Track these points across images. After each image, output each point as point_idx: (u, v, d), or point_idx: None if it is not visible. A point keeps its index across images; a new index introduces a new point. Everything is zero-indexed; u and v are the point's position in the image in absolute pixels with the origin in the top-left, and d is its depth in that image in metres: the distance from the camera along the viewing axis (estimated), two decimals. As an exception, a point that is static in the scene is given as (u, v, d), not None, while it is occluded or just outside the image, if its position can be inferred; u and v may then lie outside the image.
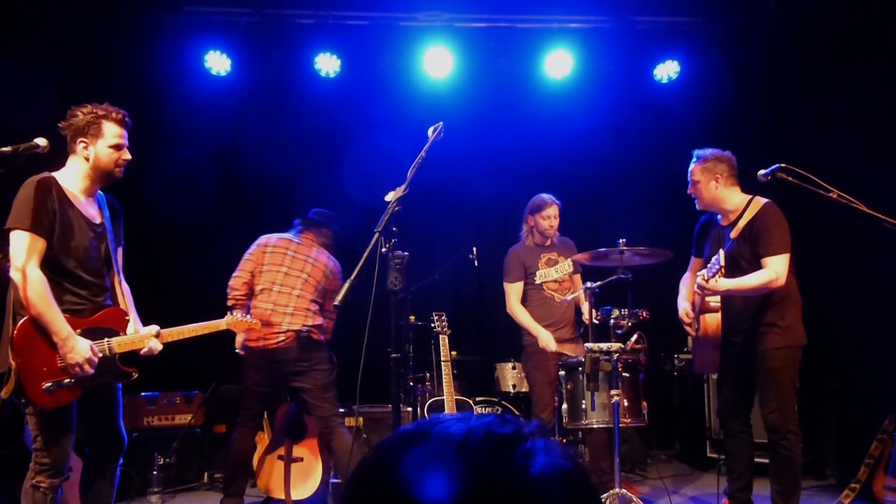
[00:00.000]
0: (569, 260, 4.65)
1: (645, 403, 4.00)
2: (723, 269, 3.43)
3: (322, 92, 6.19)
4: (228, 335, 3.59)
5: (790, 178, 3.72)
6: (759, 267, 3.55)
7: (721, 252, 3.43)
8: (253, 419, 4.31)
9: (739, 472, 3.78)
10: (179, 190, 5.88)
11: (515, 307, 4.65)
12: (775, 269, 3.48)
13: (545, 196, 4.68)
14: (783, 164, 3.74)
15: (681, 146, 6.24)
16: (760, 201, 3.69)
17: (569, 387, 4.07)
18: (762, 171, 3.73)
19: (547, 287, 4.62)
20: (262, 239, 4.38)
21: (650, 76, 6.32)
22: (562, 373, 4.15)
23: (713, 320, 3.69)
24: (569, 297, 4.48)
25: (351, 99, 6.25)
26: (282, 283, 4.22)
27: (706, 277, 3.48)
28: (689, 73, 6.27)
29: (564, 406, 4.07)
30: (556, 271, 4.65)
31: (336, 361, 4.42)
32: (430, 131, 3.05)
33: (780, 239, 3.54)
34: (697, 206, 3.90)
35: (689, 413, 5.94)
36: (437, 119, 3.08)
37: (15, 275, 2.73)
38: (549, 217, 4.62)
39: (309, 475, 4.43)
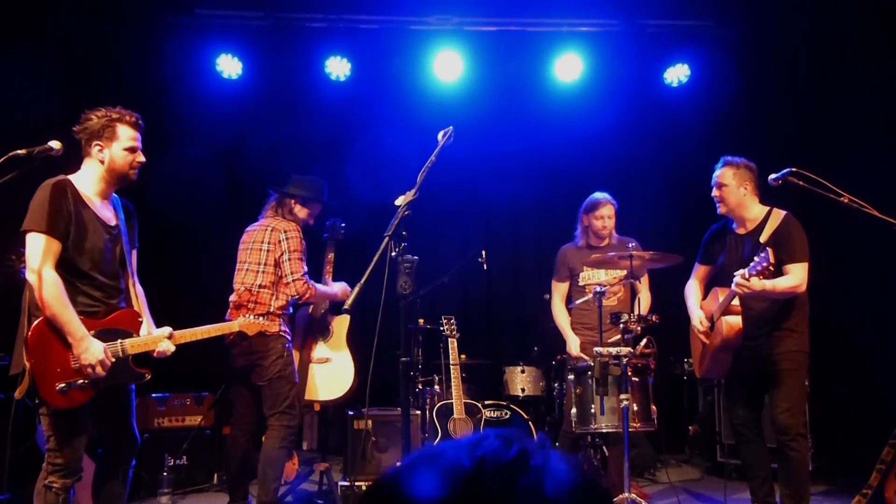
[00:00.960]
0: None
1: (654, 408, 3.99)
2: (771, 266, 3.42)
3: (332, 95, 6.21)
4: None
5: (801, 182, 3.72)
6: (779, 273, 3.61)
7: (769, 250, 3.44)
8: (239, 419, 4.13)
9: (763, 477, 3.83)
10: (191, 192, 5.92)
11: (556, 307, 4.62)
12: (799, 276, 3.59)
13: (600, 195, 4.55)
14: (794, 168, 3.74)
15: (691, 150, 6.28)
16: (780, 212, 3.76)
17: (578, 391, 4.06)
18: (773, 176, 3.74)
19: (590, 290, 4.38)
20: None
21: (660, 80, 6.31)
22: (571, 377, 4.15)
23: (735, 323, 3.70)
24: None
25: (361, 102, 6.27)
26: (243, 260, 4.13)
27: (747, 275, 3.46)
28: (699, 77, 6.25)
29: (574, 410, 4.07)
30: (605, 273, 4.49)
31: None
32: (440, 135, 3.05)
33: (802, 248, 3.64)
34: (719, 211, 3.90)
35: (700, 418, 5.91)
36: (447, 123, 3.09)
37: (31, 276, 2.76)
38: (603, 217, 4.49)
39: (337, 375, 4.34)
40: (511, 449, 0.74)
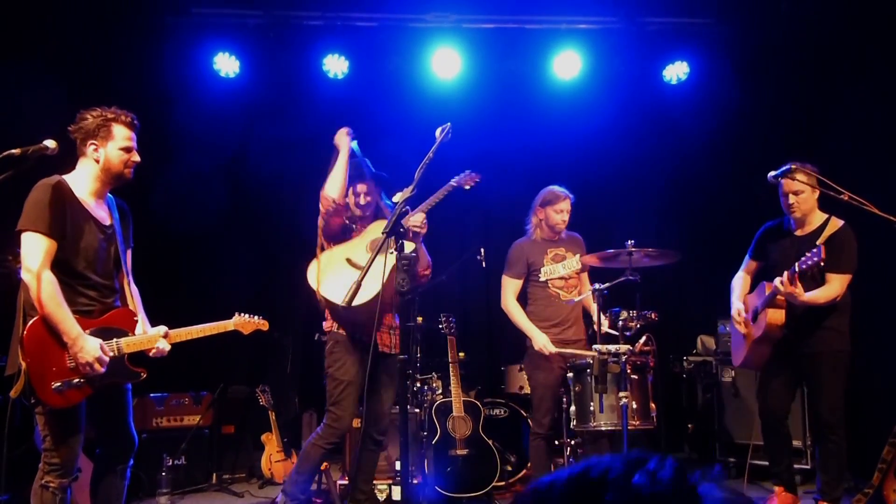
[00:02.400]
0: (577, 256, 4.45)
1: (654, 406, 3.99)
2: (822, 262, 3.58)
3: (330, 93, 6.20)
4: (237, 336, 3.59)
5: (801, 180, 3.74)
6: (822, 277, 3.80)
7: (822, 247, 3.62)
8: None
9: (787, 463, 4.09)
10: (187, 192, 5.90)
11: (510, 303, 4.46)
12: (837, 288, 3.78)
13: (558, 189, 4.46)
14: (794, 166, 3.75)
15: (690, 148, 6.27)
16: (839, 221, 3.90)
17: (577, 389, 4.05)
18: (772, 173, 3.77)
19: (552, 284, 4.40)
20: None
21: (659, 77, 6.29)
22: (570, 375, 4.13)
23: (778, 317, 3.85)
24: (576, 299, 4.40)
25: (359, 100, 6.24)
26: None
27: (797, 269, 3.64)
28: (698, 75, 6.24)
29: (573, 408, 4.05)
30: (563, 268, 4.43)
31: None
32: (437, 132, 3.05)
33: (850, 260, 3.82)
34: (794, 216, 3.95)
35: (699, 415, 5.91)
36: (445, 120, 3.08)
37: (26, 276, 2.75)
38: (563, 211, 4.42)
39: None
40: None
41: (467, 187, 4.00)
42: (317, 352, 4.83)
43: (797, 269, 3.65)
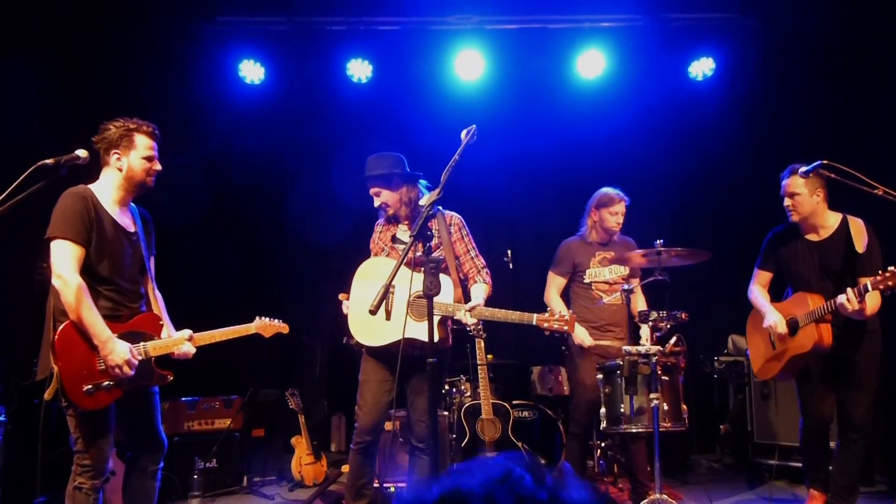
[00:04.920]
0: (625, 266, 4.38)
1: (685, 407, 3.93)
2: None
3: (354, 97, 6.23)
4: (265, 340, 3.61)
5: (832, 175, 3.66)
6: (845, 279, 3.67)
7: (892, 269, 3.39)
8: None
9: (826, 470, 3.92)
10: (216, 197, 5.97)
11: (553, 298, 4.45)
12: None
13: (613, 191, 4.40)
14: (825, 161, 3.67)
15: (718, 145, 6.19)
16: (857, 220, 3.77)
17: (607, 391, 4.01)
18: (803, 168, 3.69)
19: (596, 287, 4.37)
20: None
21: (685, 74, 6.22)
22: (599, 376, 4.09)
23: (827, 332, 3.71)
24: (606, 299, 4.36)
25: (383, 104, 6.27)
26: None
27: (870, 287, 3.41)
28: (724, 70, 6.15)
29: (603, 410, 4.01)
30: (609, 272, 4.39)
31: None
32: (463, 134, 3.03)
33: (881, 260, 3.68)
34: (791, 219, 3.85)
35: (731, 416, 5.82)
36: (470, 122, 3.06)
37: (56, 282, 2.83)
38: (617, 213, 4.36)
39: None
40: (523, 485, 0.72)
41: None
42: (345, 355, 4.86)
43: (870, 288, 3.42)
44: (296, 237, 6.40)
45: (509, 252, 5.25)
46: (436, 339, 2.85)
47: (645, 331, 4.22)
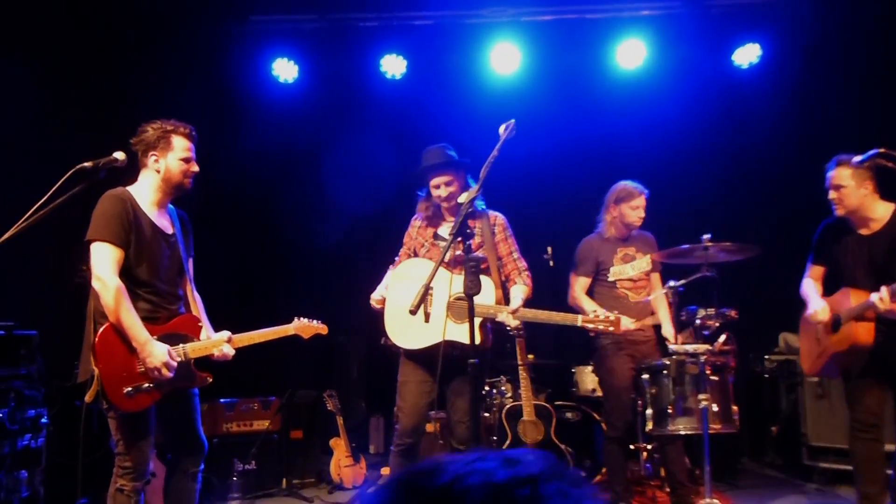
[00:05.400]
0: (647, 257, 4.25)
1: (735, 408, 3.79)
2: None
3: (389, 94, 6.18)
4: (303, 342, 3.56)
5: (890, 164, 3.45)
6: (893, 275, 3.40)
7: None
8: None
9: (876, 479, 3.61)
10: (253, 196, 5.97)
11: (580, 296, 4.27)
12: None
13: (632, 184, 4.25)
14: (882, 150, 3.47)
15: (765, 135, 5.96)
16: None
17: (653, 391, 3.89)
18: (857, 158, 3.50)
19: (621, 285, 4.23)
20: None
21: (729, 62, 6.01)
22: (645, 376, 3.96)
23: (866, 332, 3.48)
24: (647, 298, 4.22)
25: (418, 99, 6.20)
26: None
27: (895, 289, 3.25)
28: (771, 57, 5.93)
29: (649, 411, 3.89)
30: (632, 268, 4.25)
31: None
32: (501, 129, 2.94)
33: None
34: (836, 213, 3.65)
35: (783, 418, 5.60)
36: (507, 116, 2.97)
37: (96, 284, 2.83)
38: (639, 208, 4.20)
39: None
40: (506, 469, 0.70)
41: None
42: (382, 356, 4.79)
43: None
44: (330, 235, 6.37)
45: (549, 249, 5.13)
46: (477, 340, 2.76)
47: (668, 330, 4.07)
